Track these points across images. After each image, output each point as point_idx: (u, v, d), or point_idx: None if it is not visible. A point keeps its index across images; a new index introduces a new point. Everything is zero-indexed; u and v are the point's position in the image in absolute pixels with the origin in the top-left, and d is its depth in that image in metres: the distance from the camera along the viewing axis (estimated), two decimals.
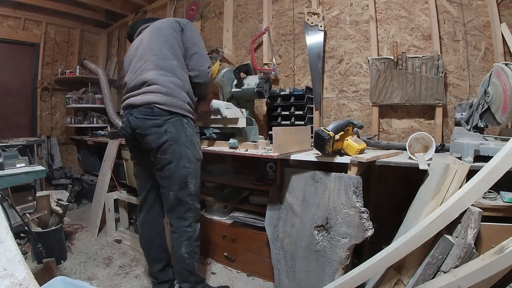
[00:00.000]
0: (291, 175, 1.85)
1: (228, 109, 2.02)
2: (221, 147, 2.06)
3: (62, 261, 2.35)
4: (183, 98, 1.68)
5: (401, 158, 1.65)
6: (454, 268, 1.18)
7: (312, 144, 1.78)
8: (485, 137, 1.52)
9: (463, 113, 1.75)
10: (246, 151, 1.90)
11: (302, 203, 1.77)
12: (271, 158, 1.82)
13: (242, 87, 2.24)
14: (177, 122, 1.64)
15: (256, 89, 2.17)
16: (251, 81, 2.23)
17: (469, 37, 2.07)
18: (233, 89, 2.30)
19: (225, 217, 2.34)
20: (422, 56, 2.13)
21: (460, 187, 1.26)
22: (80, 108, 4.10)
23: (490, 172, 1.12)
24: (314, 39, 2.55)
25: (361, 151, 1.63)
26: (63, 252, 2.39)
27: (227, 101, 2.36)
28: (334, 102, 2.57)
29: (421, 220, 1.28)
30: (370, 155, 1.62)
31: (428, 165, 1.43)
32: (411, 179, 1.64)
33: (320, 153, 1.65)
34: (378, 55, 2.31)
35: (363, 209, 1.52)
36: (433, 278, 1.25)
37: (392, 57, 2.22)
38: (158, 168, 1.69)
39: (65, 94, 4.21)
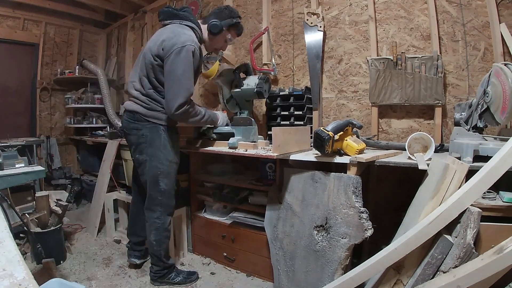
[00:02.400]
0: (290, 175, 1.85)
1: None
2: (221, 147, 2.07)
3: (61, 262, 2.35)
4: (160, 110, 1.88)
5: (401, 158, 1.65)
6: (453, 268, 1.18)
7: (312, 144, 1.78)
8: (484, 137, 1.52)
9: (463, 113, 1.75)
10: (246, 151, 1.90)
11: (301, 203, 1.77)
12: (270, 158, 1.82)
13: (242, 87, 2.24)
14: (153, 129, 1.88)
15: (255, 89, 2.17)
16: (251, 81, 2.23)
17: (468, 37, 2.07)
18: (233, 90, 2.30)
19: (224, 217, 2.34)
20: (422, 56, 2.14)
21: (459, 187, 1.26)
22: (80, 108, 4.09)
23: (489, 172, 1.12)
24: (313, 39, 2.55)
25: (361, 151, 1.63)
26: (62, 253, 2.39)
27: (227, 101, 2.36)
28: (334, 102, 2.57)
29: (420, 220, 1.29)
30: (369, 155, 1.63)
31: (428, 165, 1.44)
32: (410, 179, 1.65)
33: (319, 153, 1.65)
34: (378, 55, 2.31)
35: (362, 209, 1.52)
36: (432, 278, 1.25)
37: (391, 57, 2.22)
38: (136, 166, 2.00)
39: (64, 94, 4.20)
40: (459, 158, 1.43)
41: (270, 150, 1.85)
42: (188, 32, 1.83)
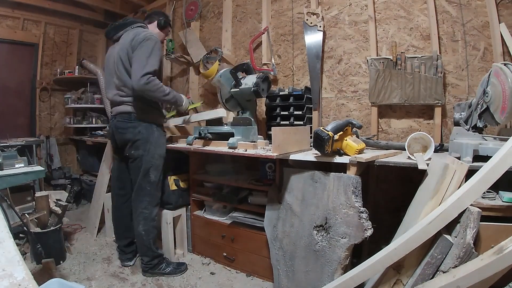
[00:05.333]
0: (290, 175, 1.85)
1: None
2: (220, 147, 2.06)
3: (61, 262, 2.34)
4: (151, 112, 2.15)
5: (400, 158, 1.65)
6: (453, 268, 1.18)
7: (311, 144, 1.78)
8: (484, 137, 1.52)
9: (462, 113, 1.75)
10: (245, 151, 1.90)
11: (301, 203, 1.77)
12: (270, 158, 1.82)
13: (240, 87, 2.24)
14: (148, 127, 2.10)
15: (252, 88, 2.17)
16: (249, 81, 2.23)
17: (468, 37, 2.07)
18: (232, 89, 2.30)
19: (224, 217, 2.34)
20: (421, 56, 2.14)
21: (459, 187, 1.26)
22: (79, 108, 4.09)
23: (489, 172, 1.12)
24: (313, 39, 2.55)
25: (360, 151, 1.63)
26: (62, 253, 2.39)
27: (226, 101, 2.36)
28: (333, 102, 2.57)
29: (420, 220, 1.29)
30: (369, 155, 1.62)
31: (427, 165, 1.44)
32: (410, 179, 1.65)
33: (319, 153, 1.65)
34: (377, 55, 2.31)
35: (362, 209, 1.52)
36: (432, 278, 1.25)
37: (391, 57, 2.22)
38: (131, 161, 2.15)
39: (64, 94, 4.20)
40: (458, 158, 1.43)
41: (270, 150, 1.85)
42: (145, 30, 2.14)
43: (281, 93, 2.52)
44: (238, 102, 2.36)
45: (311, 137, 1.94)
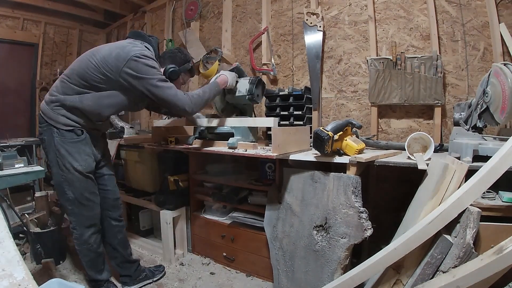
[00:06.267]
0: (290, 175, 1.85)
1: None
2: (220, 147, 2.06)
3: (61, 262, 2.34)
4: (57, 110, 1.67)
5: (400, 158, 1.65)
6: (453, 268, 1.18)
7: (311, 144, 1.78)
8: (484, 137, 1.52)
9: (462, 113, 1.75)
10: (245, 151, 1.90)
11: (301, 203, 1.77)
12: (270, 158, 1.82)
13: (235, 95, 2.12)
14: (49, 131, 1.68)
15: (247, 96, 2.05)
16: (242, 88, 2.08)
17: (468, 37, 2.08)
18: (226, 96, 2.20)
19: (224, 217, 2.34)
20: (421, 56, 2.14)
21: (459, 187, 1.26)
22: None
23: (489, 172, 1.12)
24: (313, 39, 2.55)
25: (360, 151, 1.63)
26: (62, 253, 2.39)
27: (222, 111, 2.25)
28: (333, 102, 2.57)
29: (420, 220, 1.29)
30: (369, 155, 1.62)
31: (427, 165, 1.44)
32: (410, 179, 1.64)
33: (319, 153, 1.65)
34: (377, 55, 2.31)
35: (362, 209, 1.52)
36: (432, 278, 1.25)
37: (391, 57, 2.22)
38: None
39: None
40: (458, 158, 1.43)
41: (270, 150, 1.85)
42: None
43: (281, 93, 2.52)
44: (234, 105, 2.30)
45: (311, 137, 1.94)
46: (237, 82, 2.11)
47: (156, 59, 1.76)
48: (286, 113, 2.48)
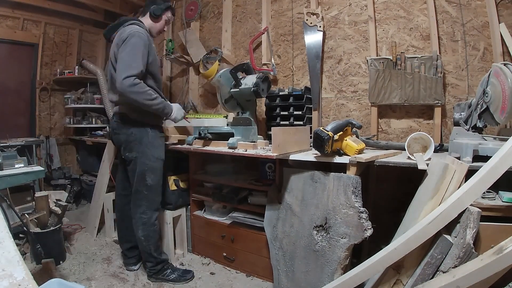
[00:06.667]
0: (290, 175, 1.85)
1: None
2: (220, 147, 2.06)
3: (61, 262, 2.34)
4: (142, 112, 1.97)
5: (400, 158, 1.65)
6: (453, 268, 1.18)
7: (311, 144, 1.78)
8: (484, 137, 1.52)
9: (462, 113, 1.75)
10: (245, 151, 1.90)
11: (301, 203, 1.77)
12: (270, 158, 1.82)
13: (240, 87, 2.23)
14: (141, 128, 2.00)
15: (252, 88, 2.14)
16: (249, 81, 2.21)
17: (468, 37, 2.08)
18: (232, 89, 2.29)
19: (224, 217, 2.34)
20: (421, 56, 2.14)
21: (459, 187, 1.26)
22: (79, 108, 4.09)
23: (489, 172, 1.12)
24: (313, 39, 2.55)
25: (360, 151, 1.63)
26: (62, 253, 2.39)
27: (225, 101, 2.34)
28: (333, 102, 2.57)
29: (420, 220, 1.29)
30: (369, 155, 1.62)
31: (427, 165, 1.44)
32: (410, 179, 1.64)
33: (319, 153, 1.65)
34: (377, 55, 2.31)
35: (362, 209, 1.52)
36: (432, 278, 1.25)
37: (391, 57, 2.22)
38: (127, 164, 2.08)
39: (64, 94, 4.20)
40: (458, 158, 1.43)
41: (270, 150, 1.85)
42: (132, 26, 1.97)
43: (281, 93, 2.52)
44: (237, 102, 2.34)
45: (311, 137, 1.94)
46: (243, 77, 2.28)
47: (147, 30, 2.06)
48: (286, 113, 2.48)
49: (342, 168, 1.64)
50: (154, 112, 1.98)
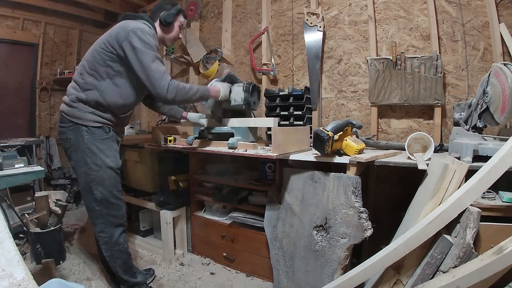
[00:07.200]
0: (290, 175, 1.85)
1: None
2: (220, 147, 2.06)
3: (61, 262, 2.34)
4: (83, 109, 1.67)
5: (400, 158, 1.65)
6: (453, 268, 1.18)
7: (311, 144, 1.78)
8: (484, 137, 1.52)
9: (462, 113, 1.75)
10: (245, 151, 1.90)
11: (301, 203, 1.77)
12: (270, 158, 1.82)
13: (231, 104, 2.08)
14: (76, 131, 1.66)
15: (243, 105, 2.02)
16: (237, 96, 2.04)
17: (468, 37, 2.08)
18: (223, 105, 2.15)
19: (224, 217, 2.34)
20: (421, 56, 2.14)
21: (459, 187, 1.26)
22: None
23: (489, 172, 1.12)
24: (313, 39, 2.55)
25: (360, 151, 1.63)
26: (62, 253, 2.39)
27: (220, 121, 2.18)
28: (333, 102, 2.57)
29: (420, 220, 1.29)
30: (369, 155, 1.62)
31: (427, 165, 1.44)
32: (410, 179, 1.65)
33: (319, 153, 1.65)
34: (377, 55, 2.31)
35: (362, 209, 1.52)
36: (432, 278, 1.25)
37: (391, 57, 2.22)
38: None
39: (64, 94, 4.20)
40: (458, 158, 1.43)
41: (270, 150, 1.85)
42: (136, 22, 1.71)
43: (281, 93, 2.52)
44: (233, 114, 2.21)
45: (311, 137, 1.94)
46: (230, 91, 2.05)
47: (155, 29, 1.79)
48: (286, 113, 2.48)
49: (342, 168, 1.64)
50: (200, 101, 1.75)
